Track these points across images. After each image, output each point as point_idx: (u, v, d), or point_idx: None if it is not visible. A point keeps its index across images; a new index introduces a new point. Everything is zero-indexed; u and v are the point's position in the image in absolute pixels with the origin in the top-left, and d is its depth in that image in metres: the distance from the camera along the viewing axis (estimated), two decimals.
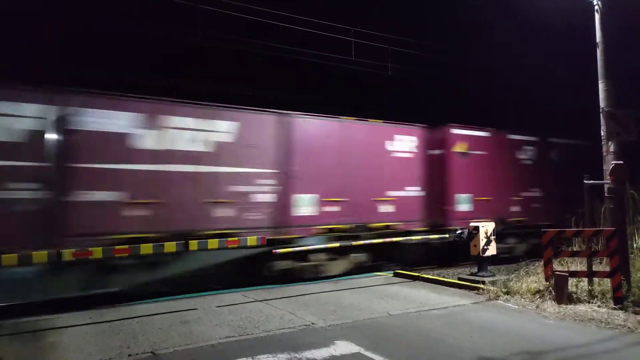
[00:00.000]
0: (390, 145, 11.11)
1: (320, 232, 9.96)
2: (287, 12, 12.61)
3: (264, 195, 9.30)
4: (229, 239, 8.78)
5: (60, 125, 7.52)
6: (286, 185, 9.58)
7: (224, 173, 8.89)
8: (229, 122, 9.04)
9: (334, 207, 10.15)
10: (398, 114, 12.15)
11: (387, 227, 10.85)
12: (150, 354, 5.26)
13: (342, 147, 10.41)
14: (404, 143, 11.34)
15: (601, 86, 8.37)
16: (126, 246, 7.81)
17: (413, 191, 11.36)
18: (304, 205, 9.76)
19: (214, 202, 8.72)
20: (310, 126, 10.12)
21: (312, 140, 10.04)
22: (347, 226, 10.31)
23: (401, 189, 11.17)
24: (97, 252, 7.56)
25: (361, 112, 12.07)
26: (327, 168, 10.15)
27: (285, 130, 9.70)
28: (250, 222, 9.08)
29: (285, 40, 13.29)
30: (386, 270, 10.72)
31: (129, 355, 5.23)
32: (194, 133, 8.65)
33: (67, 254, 7.37)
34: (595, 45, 8.51)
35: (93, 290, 7.78)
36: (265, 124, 9.48)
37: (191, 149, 8.60)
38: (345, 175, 10.38)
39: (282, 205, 9.53)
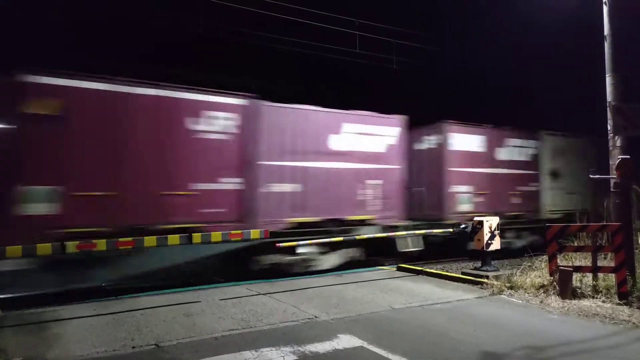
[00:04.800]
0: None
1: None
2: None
3: None
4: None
5: None
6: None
7: None
8: None
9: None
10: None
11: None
12: (154, 346, 5.28)
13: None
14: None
15: (608, 80, 8.28)
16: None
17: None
18: None
19: None
20: None
21: None
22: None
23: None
24: None
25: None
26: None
27: None
28: None
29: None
30: (389, 265, 10.72)
31: (133, 347, 5.25)
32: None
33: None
34: (602, 38, 8.42)
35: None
36: None
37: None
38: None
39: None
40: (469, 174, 12.49)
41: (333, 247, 10.12)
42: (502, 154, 13.22)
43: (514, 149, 13.46)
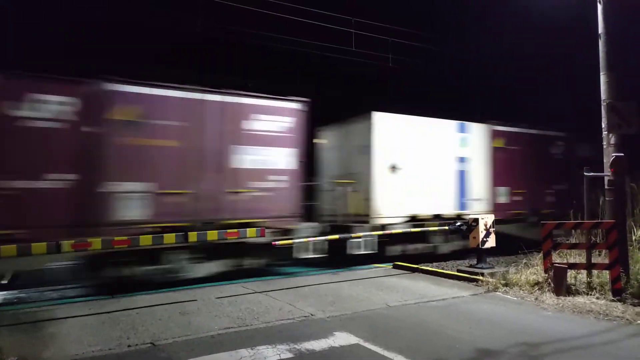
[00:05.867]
0: None
1: None
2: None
3: None
4: None
5: None
6: None
7: None
8: None
9: None
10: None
11: None
12: (149, 345, 5.27)
13: None
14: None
15: (603, 78, 8.30)
16: None
17: None
18: None
19: None
20: None
21: None
22: None
23: None
24: None
25: None
26: None
27: None
28: None
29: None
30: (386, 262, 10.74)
31: (129, 345, 5.25)
32: None
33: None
34: (597, 36, 8.44)
35: None
36: None
37: None
38: None
39: None
40: None
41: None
42: None
43: None
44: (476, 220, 9.16)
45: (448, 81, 17.70)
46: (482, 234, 9.10)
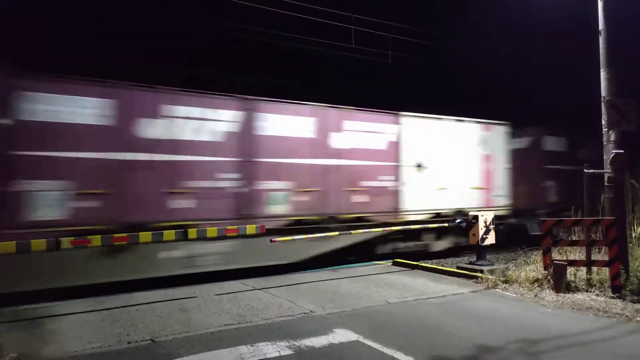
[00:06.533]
0: None
1: None
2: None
3: None
4: None
5: None
6: None
7: None
8: None
9: None
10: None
11: None
12: (149, 342, 5.27)
13: None
14: None
15: (603, 75, 8.30)
16: None
17: None
18: None
19: None
20: None
21: None
22: None
23: None
24: None
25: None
26: None
27: None
28: None
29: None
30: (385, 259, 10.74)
31: (128, 342, 5.25)
32: None
33: None
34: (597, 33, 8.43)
35: None
36: None
37: None
38: None
39: None
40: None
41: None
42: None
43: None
44: (476, 217, 9.16)
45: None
46: (481, 231, 9.09)
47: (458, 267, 9.20)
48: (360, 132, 10.61)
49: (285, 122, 9.63)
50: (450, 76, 17.85)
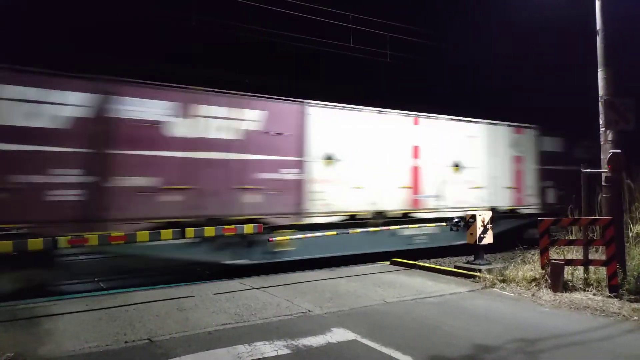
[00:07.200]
0: None
1: None
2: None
3: None
4: None
5: None
6: None
7: None
8: None
9: None
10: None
11: None
12: (146, 341, 5.26)
13: None
14: None
15: (600, 74, 8.29)
16: None
17: None
18: None
19: None
20: None
21: None
22: None
23: None
24: None
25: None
26: None
27: None
28: None
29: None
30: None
31: (126, 341, 5.23)
32: None
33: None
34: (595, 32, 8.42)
35: None
36: None
37: None
38: None
39: None
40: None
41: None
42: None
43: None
44: (474, 217, 9.17)
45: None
46: (479, 231, 9.11)
47: (456, 267, 9.21)
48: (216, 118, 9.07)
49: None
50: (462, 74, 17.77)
